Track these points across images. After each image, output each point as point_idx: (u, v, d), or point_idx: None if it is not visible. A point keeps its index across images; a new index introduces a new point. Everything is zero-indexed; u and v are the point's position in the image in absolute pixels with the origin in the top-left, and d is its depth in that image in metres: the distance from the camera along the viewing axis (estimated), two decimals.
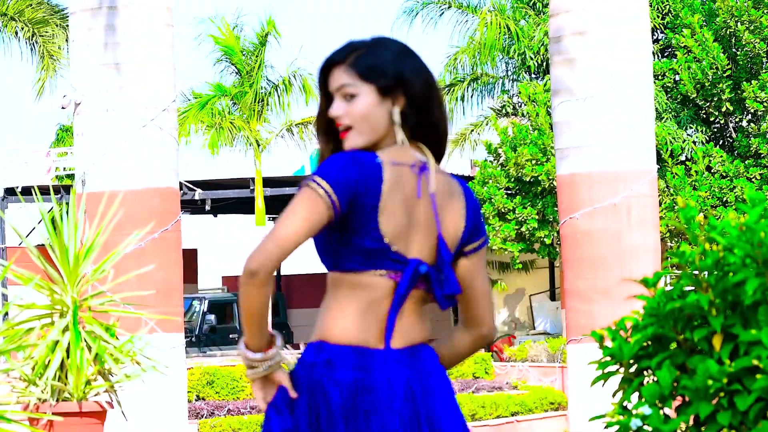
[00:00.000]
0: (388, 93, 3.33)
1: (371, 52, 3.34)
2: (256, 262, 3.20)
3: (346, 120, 3.32)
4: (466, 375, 23.12)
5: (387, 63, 3.33)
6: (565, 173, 9.73)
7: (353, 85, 3.31)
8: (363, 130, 3.32)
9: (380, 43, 3.37)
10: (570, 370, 9.86)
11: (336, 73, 3.34)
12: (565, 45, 9.71)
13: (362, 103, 3.31)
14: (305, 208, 3.22)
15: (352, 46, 3.36)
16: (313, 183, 3.23)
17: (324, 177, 3.23)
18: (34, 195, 5.81)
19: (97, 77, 9.33)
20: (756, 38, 23.13)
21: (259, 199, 29.88)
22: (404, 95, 3.34)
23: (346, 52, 3.34)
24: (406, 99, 3.34)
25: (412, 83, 3.34)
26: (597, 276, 9.53)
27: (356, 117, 3.31)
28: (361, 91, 3.32)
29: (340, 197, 3.23)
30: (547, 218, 25.59)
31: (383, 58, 3.34)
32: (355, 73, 3.32)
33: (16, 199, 27.71)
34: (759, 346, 3.53)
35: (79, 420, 5.30)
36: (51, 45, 25.88)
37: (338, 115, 3.32)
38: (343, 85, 3.32)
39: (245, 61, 30.17)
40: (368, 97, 3.32)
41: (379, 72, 3.32)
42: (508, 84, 28.51)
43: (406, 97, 3.34)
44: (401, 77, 3.33)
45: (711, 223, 3.79)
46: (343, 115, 3.32)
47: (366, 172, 3.25)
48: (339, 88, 3.33)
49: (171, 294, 9.28)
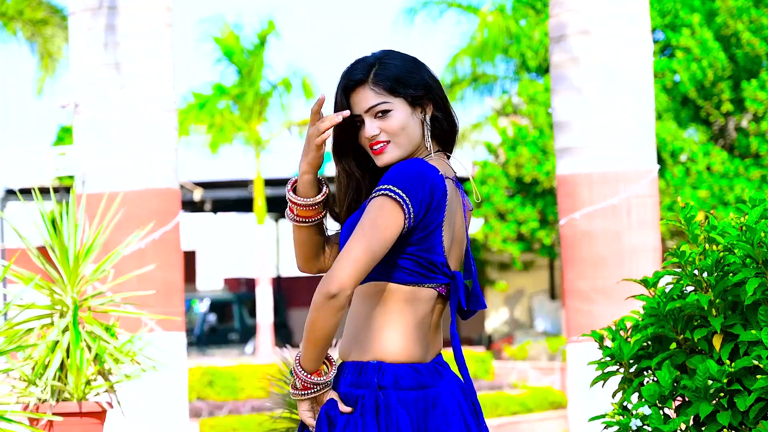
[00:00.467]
0: (417, 103, 3.33)
1: (389, 65, 3.34)
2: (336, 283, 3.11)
3: (383, 137, 3.31)
4: None
5: (410, 73, 3.33)
6: (565, 173, 9.72)
7: (385, 102, 3.30)
8: (401, 143, 3.31)
9: (390, 55, 3.36)
10: (570, 370, 9.86)
11: (360, 94, 3.33)
12: (565, 44, 9.71)
13: (398, 118, 3.31)
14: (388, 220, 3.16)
15: (366, 63, 3.34)
16: (393, 194, 3.17)
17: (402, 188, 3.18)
18: (34, 195, 5.81)
19: (97, 77, 9.33)
20: (756, 38, 23.12)
21: (259, 198, 29.88)
22: (431, 102, 3.35)
23: (363, 72, 3.33)
24: (433, 105, 3.36)
25: (435, 88, 3.36)
26: (597, 276, 9.53)
27: (394, 131, 3.30)
28: (394, 106, 3.31)
29: (416, 211, 3.19)
30: (547, 218, 25.59)
31: (404, 70, 3.33)
32: (383, 89, 3.30)
33: (16, 199, 27.72)
34: (759, 346, 3.53)
35: (79, 420, 5.30)
36: (51, 45, 25.88)
37: (375, 135, 3.31)
38: (375, 105, 3.30)
39: (245, 61, 30.18)
40: (402, 111, 3.31)
41: (406, 84, 3.32)
42: (508, 84, 28.52)
43: (433, 102, 3.36)
44: (427, 85, 3.34)
45: (711, 223, 3.79)
46: (379, 133, 3.31)
47: (436, 186, 3.23)
48: (369, 109, 3.31)
49: (171, 294, 9.27)
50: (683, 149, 23.94)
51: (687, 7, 24.19)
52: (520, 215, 25.54)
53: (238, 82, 30.42)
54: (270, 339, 29.98)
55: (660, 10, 24.50)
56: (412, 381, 3.22)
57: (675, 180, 23.66)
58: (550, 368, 24.89)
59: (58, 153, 26.18)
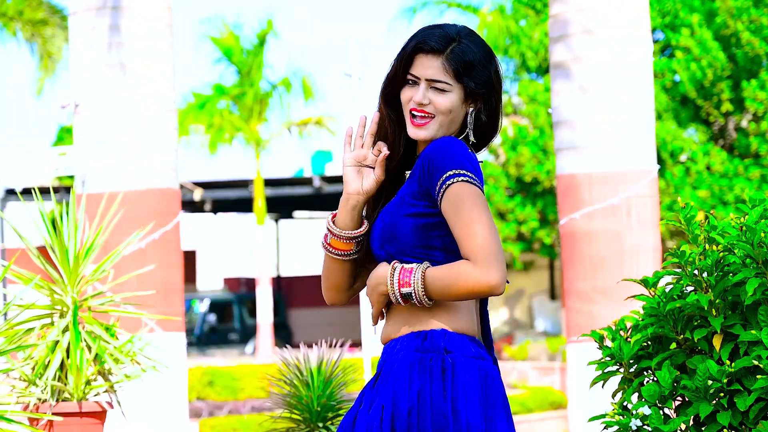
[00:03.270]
0: (472, 96, 3.34)
1: (467, 49, 3.32)
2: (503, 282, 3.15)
3: (429, 109, 3.31)
4: None
5: (480, 66, 3.33)
6: (565, 173, 9.72)
7: (447, 82, 3.30)
8: (443, 123, 3.31)
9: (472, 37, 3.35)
10: (570, 370, 9.86)
11: (429, 61, 3.32)
12: (564, 44, 9.71)
13: (450, 100, 3.31)
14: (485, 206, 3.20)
15: (448, 35, 3.33)
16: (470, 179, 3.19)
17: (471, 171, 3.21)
18: (34, 195, 5.81)
19: (98, 77, 9.33)
20: (756, 38, 23.12)
21: (259, 199, 29.87)
22: (483, 100, 3.35)
23: (442, 43, 3.32)
24: (483, 105, 3.36)
25: (495, 91, 3.37)
26: (597, 276, 9.53)
27: (442, 110, 3.30)
28: (453, 89, 3.31)
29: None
30: (548, 218, 25.59)
31: (478, 60, 3.33)
32: (451, 70, 3.30)
33: (16, 199, 27.71)
34: (759, 346, 3.53)
35: (79, 420, 5.30)
36: (51, 45, 25.87)
37: (423, 103, 3.31)
38: (438, 81, 3.30)
39: (245, 61, 30.17)
40: (456, 96, 3.32)
41: (473, 75, 3.32)
42: (508, 84, 28.52)
43: (484, 103, 3.36)
44: (489, 85, 3.35)
45: (711, 223, 3.79)
46: (428, 104, 3.31)
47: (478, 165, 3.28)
48: (431, 81, 3.31)
49: (171, 294, 9.27)
50: (683, 149, 23.94)
51: (687, 7, 24.18)
52: (520, 215, 25.54)
53: (238, 82, 30.42)
54: (270, 339, 29.98)
55: (660, 10, 24.50)
56: (474, 350, 3.23)
57: (675, 180, 23.66)
58: (550, 368, 24.89)
59: (58, 153, 26.16)
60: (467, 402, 3.16)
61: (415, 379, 3.18)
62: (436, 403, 3.15)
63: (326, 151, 32.53)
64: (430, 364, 3.19)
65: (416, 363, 3.20)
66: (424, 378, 3.18)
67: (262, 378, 20.35)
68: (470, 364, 3.20)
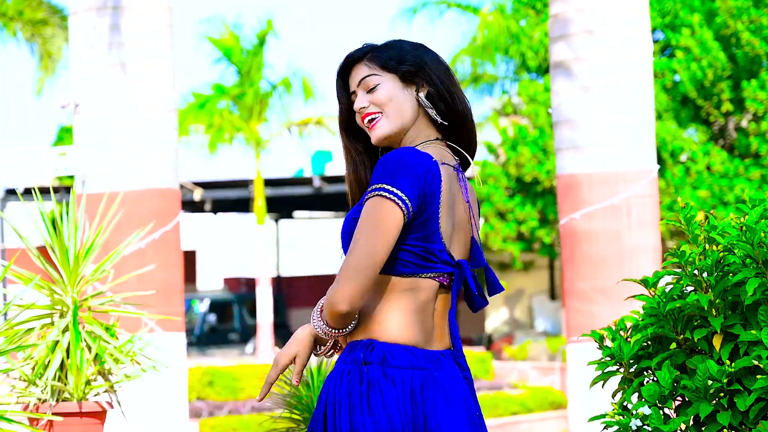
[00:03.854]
0: (410, 79, 3.32)
1: (389, 46, 3.36)
2: (346, 302, 3.08)
3: (372, 108, 3.30)
4: None
5: (406, 52, 3.33)
6: (565, 173, 9.72)
7: (374, 75, 3.30)
8: (390, 114, 3.29)
9: (397, 41, 3.38)
10: (570, 370, 9.85)
11: (356, 70, 3.34)
12: (565, 44, 9.71)
13: (385, 90, 3.30)
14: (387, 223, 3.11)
15: (366, 45, 3.38)
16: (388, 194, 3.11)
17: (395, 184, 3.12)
18: (34, 195, 5.81)
19: (98, 77, 9.32)
20: (756, 38, 23.12)
21: (259, 199, 29.87)
22: (427, 84, 3.33)
23: (363, 51, 3.35)
24: (430, 87, 3.33)
25: (433, 70, 3.33)
26: (597, 276, 9.52)
27: (381, 102, 3.29)
28: (384, 80, 3.30)
29: (413, 203, 3.13)
30: (547, 218, 25.59)
31: (402, 49, 3.34)
32: (375, 65, 3.31)
33: (16, 199, 27.72)
34: (759, 346, 3.53)
35: (79, 420, 5.30)
36: (51, 45, 25.87)
37: (363, 106, 3.31)
38: (365, 78, 3.31)
39: (245, 61, 30.17)
40: (390, 83, 3.31)
41: (399, 60, 3.31)
42: (508, 84, 28.52)
43: (430, 85, 3.33)
44: (422, 64, 3.32)
45: (711, 223, 3.79)
46: (368, 105, 3.30)
47: (430, 173, 3.17)
48: (360, 82, 3.31)
49: (171, 294, 9.27)
50: (683, 149, 23.94)
51: (687, 7, 24.18)
52: (520, 215, 25.54)
53: (238, 82, 30.41)
54: (270, 339, 29.97)
55: (660, 10, 24.50)
56: (403, 361, 3.16)
57: (675, 180, 23.66)
58: (550, 368, 24.89)
59: (58, 153, 26.17)
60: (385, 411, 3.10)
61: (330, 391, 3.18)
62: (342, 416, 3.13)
63: (326, 151, 32.52)
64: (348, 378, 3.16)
65: (336, 375, 3.19)
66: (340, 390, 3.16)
67: (262, 378, 20.35)
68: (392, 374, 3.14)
